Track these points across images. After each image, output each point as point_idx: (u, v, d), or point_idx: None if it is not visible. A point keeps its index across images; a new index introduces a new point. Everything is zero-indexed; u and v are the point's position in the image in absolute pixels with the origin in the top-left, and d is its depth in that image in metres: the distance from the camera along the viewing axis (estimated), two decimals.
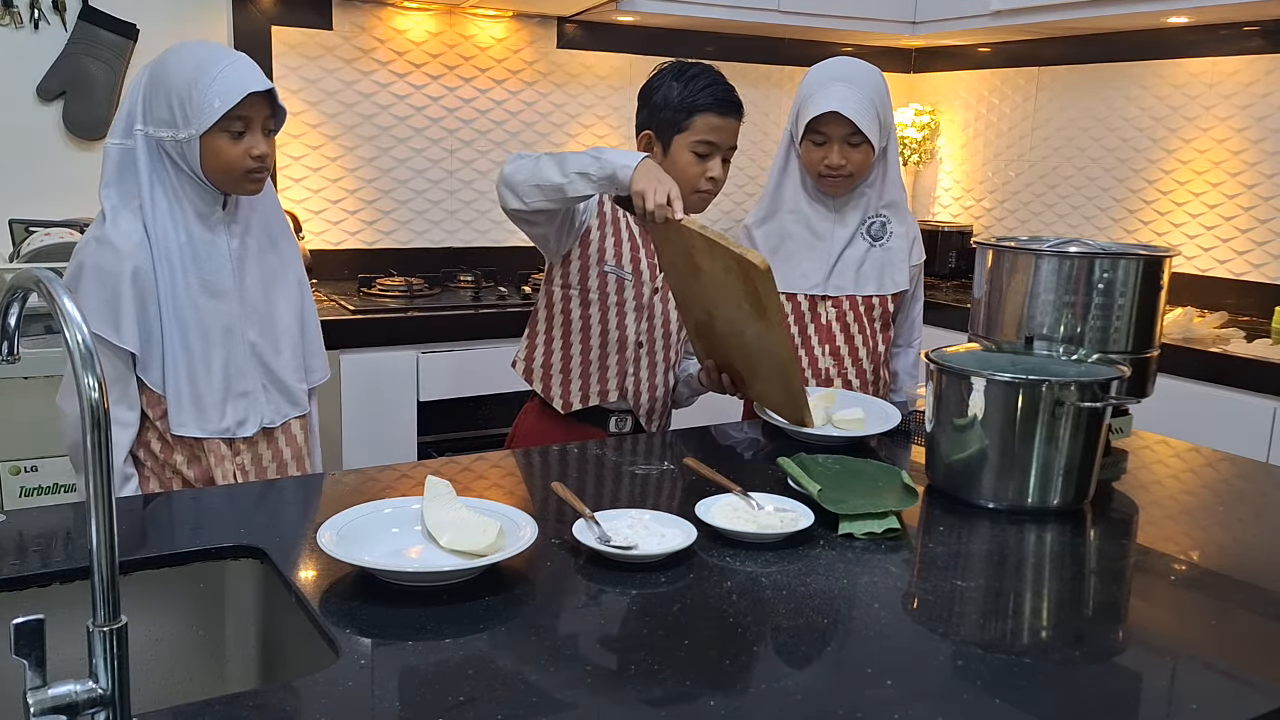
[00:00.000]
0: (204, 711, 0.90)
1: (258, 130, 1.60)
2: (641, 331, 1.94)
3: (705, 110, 1.85)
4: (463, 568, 1.14)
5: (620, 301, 1.92)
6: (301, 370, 1.74)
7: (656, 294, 1.94)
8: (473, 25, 3.33)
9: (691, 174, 1.86)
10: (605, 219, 1.93)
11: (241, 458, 1.66)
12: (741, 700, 0.93)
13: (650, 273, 1.94)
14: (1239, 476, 1.73)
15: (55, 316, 0.81)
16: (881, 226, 2.10)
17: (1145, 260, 1.64)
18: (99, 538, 0.79)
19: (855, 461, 1.54)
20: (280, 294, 1.71)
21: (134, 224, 1.58)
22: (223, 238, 1.64)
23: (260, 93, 1.58)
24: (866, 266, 2.08)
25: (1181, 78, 3.26)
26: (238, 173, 1.59)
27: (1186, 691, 1.00)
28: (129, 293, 1.56)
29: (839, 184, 2.04)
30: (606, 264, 1.91)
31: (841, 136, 1.97)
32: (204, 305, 1.61)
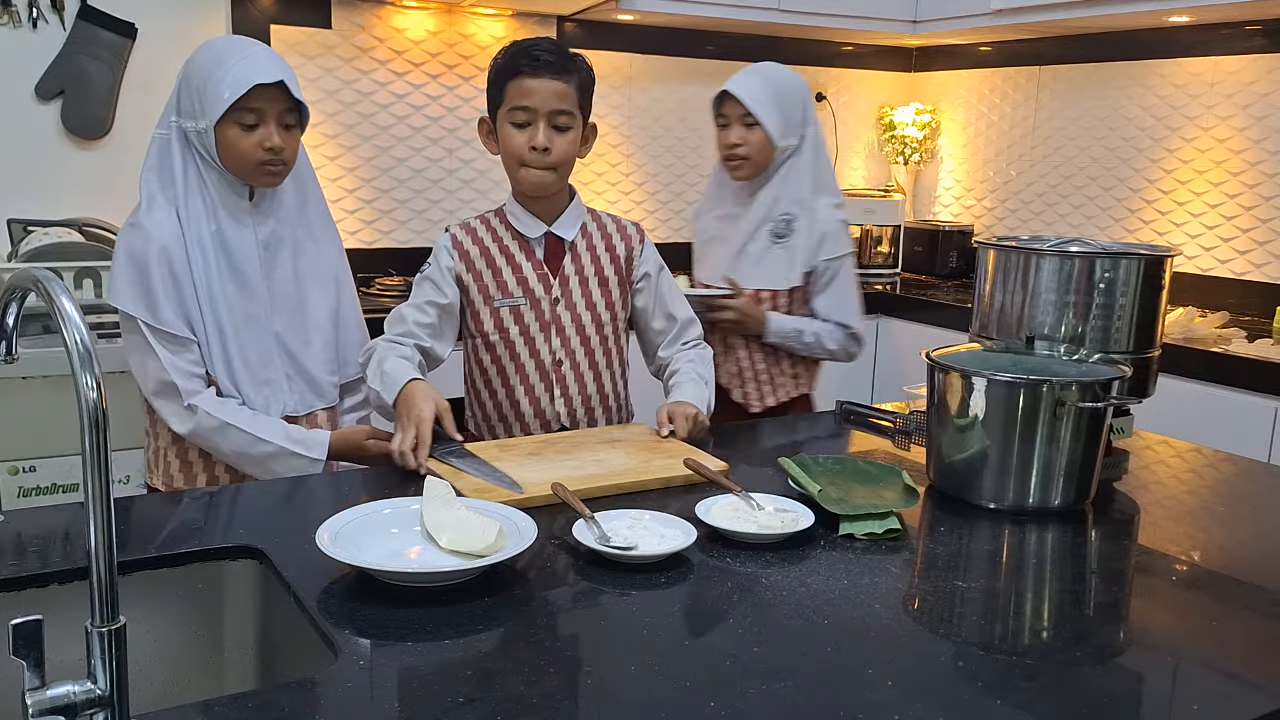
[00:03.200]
0: (203, 711, 0.90)
1: (271, 123, 1.62)
2: (556, 349, 1.80)
3: (514, 75, 1.70)
4: (462, 568, 1.14)
5: (524, 329, 1.79)
6: (333, 364, 1.78)
7: (559, 303, 1.80)
8: (472, 24, 3.32)
9: (514, 146, 1.71)
10: (469, 260, 1.78)
11: None
12: (742, 701, 0.93)
13: (543, 285, 1.79)
14: (1240, 477, 1.73)
15: (54, 316, 0.81)
16: (787, 224, 2.15)
17: (1146, 260, 1.64)
18: (98, 538, 0.78)
19: (856, 462, 1.54)
20: (315, 287, 1.75)
21: (168, 211, 1.64)
22: (250, 228, 1.68)
23: (276, 85, 1.60)
24: (766, 263, 2.16)
25: (1183, 77, 3.25)
26: (250, 164, 1.63)
27: (1188, 692, 1.00)
28: (159, 273, 1.60)
29: (739, 167, 2.15)
30: (494, 300, 1.78)
31: (738, 117, 2.12)
32: (231, 292, 1.67)
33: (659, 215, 3.77)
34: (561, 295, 1.80)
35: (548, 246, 1.81)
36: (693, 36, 3.65)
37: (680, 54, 3.68)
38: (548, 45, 1.71)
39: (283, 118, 1.63)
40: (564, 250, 1.81)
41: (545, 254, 1.80)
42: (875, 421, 1.90)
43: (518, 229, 1.80)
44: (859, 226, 3.85)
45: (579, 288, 1.81)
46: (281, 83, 1.60)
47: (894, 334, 3.47)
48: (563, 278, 1.80)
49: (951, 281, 3.77)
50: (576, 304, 1.81)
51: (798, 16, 3.40)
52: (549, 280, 1.80)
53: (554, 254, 1.81)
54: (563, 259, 1.81)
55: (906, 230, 3.93)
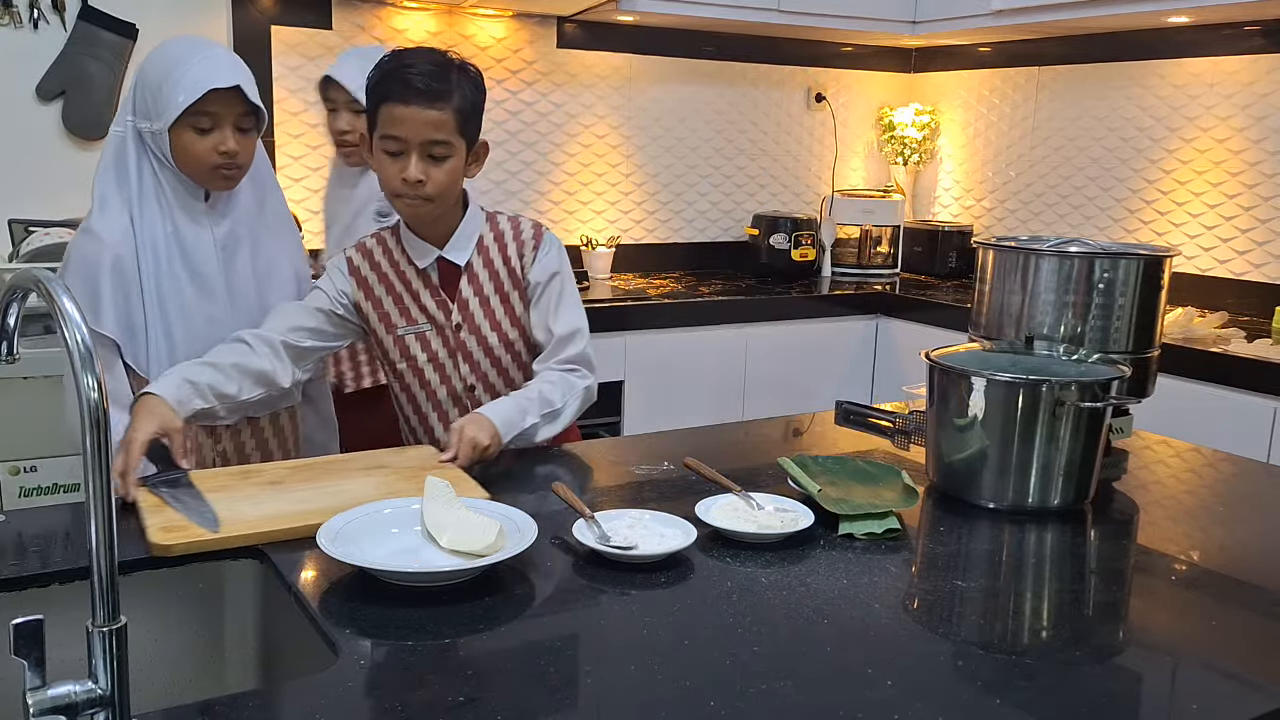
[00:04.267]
0: (204, 711, 0.90)
1: (227, 127, 1.59)
2: (466, 374, 1.72)
3: (386, 99, 1.58)
4: (463, 568, 1.14)
5: (431, 355, 1.71)
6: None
7: (461, 329, 1.71)
8: (472, 25, 3.32)
9: (386, 175, 1.61)
10: (368, 287, 1.70)
11: (223, 445, 1.68)
12: (741, 700, 0.93)
13: (443, 311, 1.70)
14: (1239, 476, 1.73)
15: (54, 316, 0.81)
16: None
17: (1146, 260, 1.64)
18: (98, 538, 0.79)
19: (855, 461, 1.54)
20: (274, 288, 1.72)
21: (121, 214, 1.61)
22: (207, 229, 1.66)
23: (232, 90, 1.57)
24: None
25: (1182, 77, 3.25)
26: (205, 168, 1.60)
27: (1187, 692, 1.00)
28: (108, 280, 1.58)
29: (351, 154, 2.16)
30: (398, 328, 1.70)
31: (345, 103, 2.11)
32: (188, 294, 1.64)
33: (659, 215, 3.77)
34: (463, 320, 1.71)
35: (442, 272, 1.70)
36: (693, 37, 3.65)
37: (680, 54, 3.68)
38: (424, 67, 1.57)
39: (239, 121, 1.60)
40: (459, 274, 1.70)
41: (440, 279, 1.70)
42: (875, 421, 1.90)
43: (410, 256, 1.70)
44: (858, 227, 3.86)
45: (480, 309, 1.71)
46: (238, 87, 1.57)
47: (894, 334, 3.47)
48: (461, 302, 1.70)
49: (951, 282, 3.77)
50: (480, 326, 1.71)
51: (797, 17, 3.40)
52: (448, 306, 1.70)
53: (449, 279, 1.71)
54: (459, 283, 1.70)
55: (906, 230, 3.93)
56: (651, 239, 3.77)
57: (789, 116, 3.96)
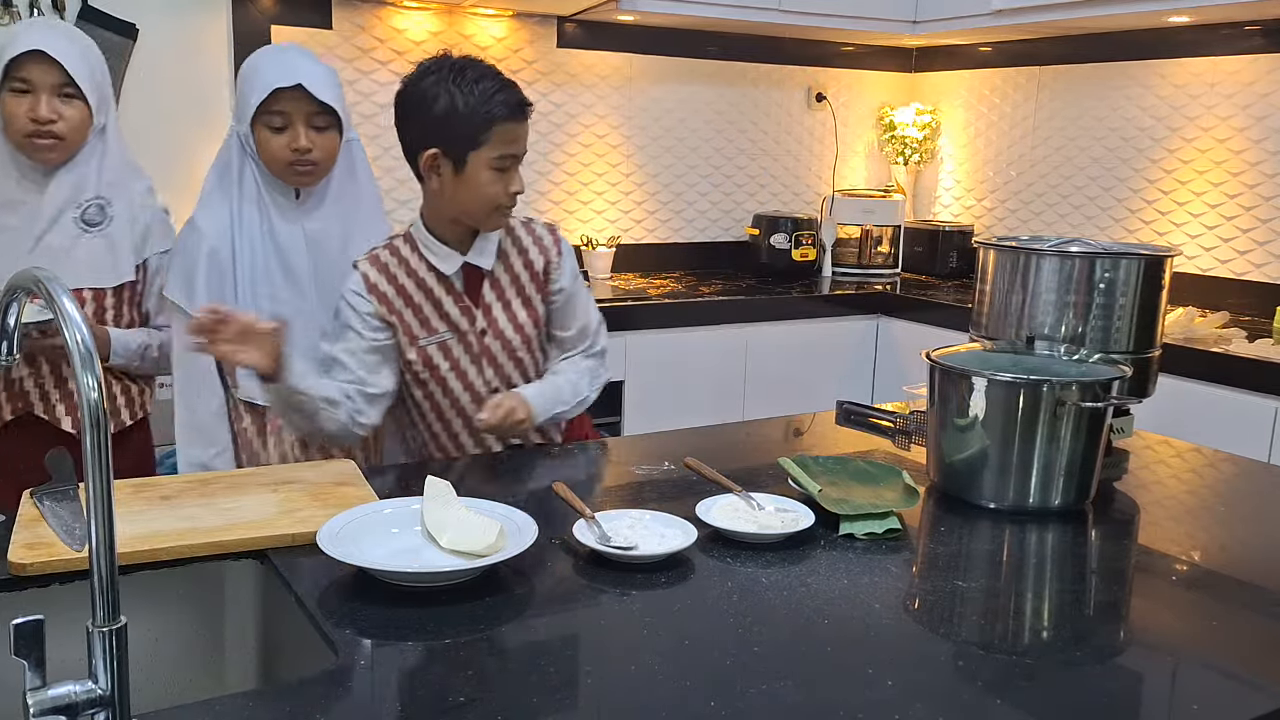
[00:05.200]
0: (204, 711, 0.90)
1: (298, 125, 1.67)
2: (490, 379, 1.73)
3: (504, 119, 1.61)
4: (463, 568, 1.14)
5: (454, 363, 1.71)
6: None
7: (485, 334, 1.72)
8: (472, 24, 3.32)
9: (492, 192, 1.63)
10: (388, 301, 1.68)
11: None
12: (742, 701, 0.93)
13: (467, 318, 1.71)
14: (1240, 476, 1.73)
15: (55, 316, 0.81)
16: (100, 210, 1.79)
17: (1147, 260, 1.64)
18: (98, 538, 0.78)
19: (856, 461, 1.54)
20: None
21: (221, 209, 1.73)
22: (298, 225, 1.75)
23: (299, 88, 1.65)
24: (80, 256, 1.76)
25: (1183, 77, 3.25)
26: (281, 164, 1.69)
27: (1187, 692, 1.00)
28: (203, 269, 1.70)
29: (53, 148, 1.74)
30: (420, 340, 1.70)
31: (51, 86, 1.71)
32: (280, 287, 1.73)
33: (659, 215, 3.77)
34: (487, 325, 1.71)
35: (466, 278, 1.71)
36: (693, 36, 3.65)
37: (680, 54, 3.68)
38: (512, 81, 1.65)
39: (311, 119, 1.67)
40: (483, 279, 1.72)
41: (464, 285, 1.71)
42: (875, 421, 1.90)
43: (432, 263, 1.69)
44: (859, 226, 3.86)
45: (503, 313, 1.73)
46: (302, 86, 1.64)
47: (894, 334, 3.47)
48: (485, 306, 1.71)
49: (952, 282, 3.77)
50: (504, 330, 1.73)
51: (798, 17, 3.40)
52: (472, 312, 1.71)
53: (473, 284, 1.71)
54: (482, 288, 1.72)
55: (906, 230, 3.93)
56: (652, 239, 3.77)
57: (789, 116, 3.96)
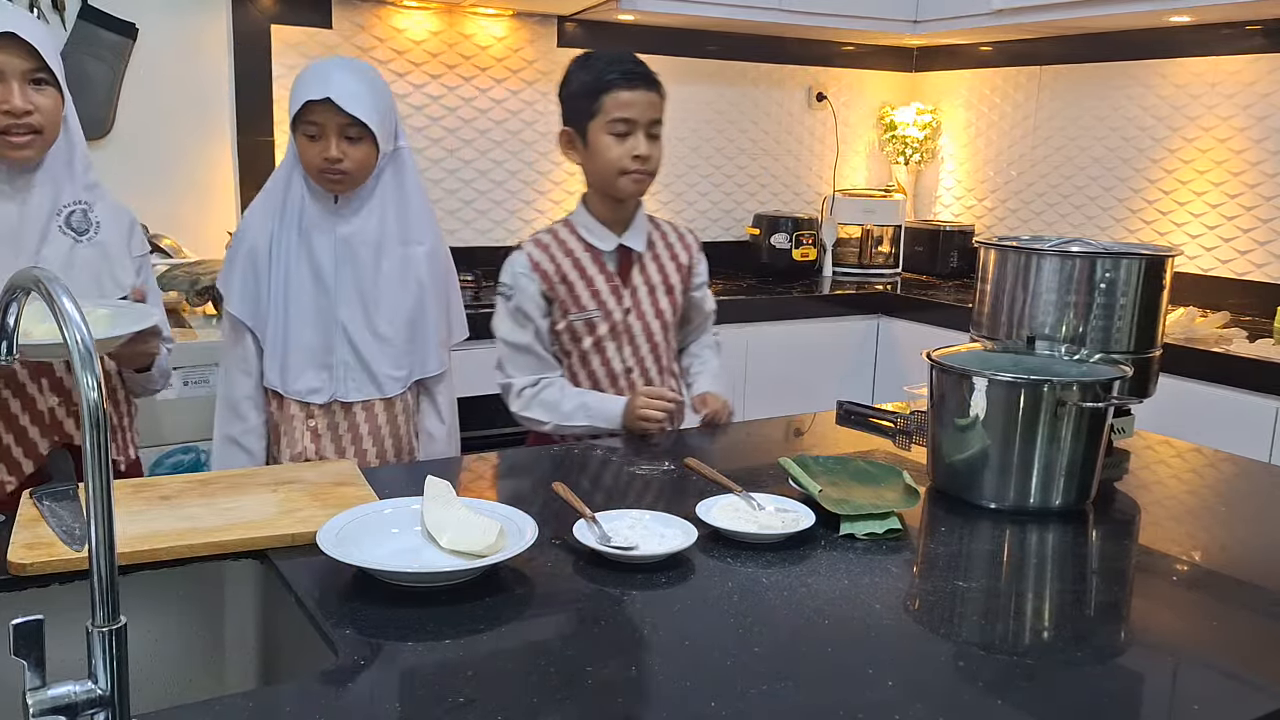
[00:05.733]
0: (204, 711, 0.90)
1: (331, 135, 1.74)
2: (627, 357, 1.88)
3: (612, 88, 1.78)
4: (463, 568, 1.14)
5: (596, 339, 1.86)
6: (401, 360, 1.87)
7: (630, 313, 1.87)
8: (473, 24, 3.32)
9: (613, 156, 1.79)
10: (550, 280, 1.84)
11: (315, 422, 1.85)
12: (742, 701, 0.93)
13: (615, 297, 1.86)
14: (1241, 476, 1.73)
15: (55, 316, 0.81)
16: (84, 216, 1.66)
17: (1147, 260, 1.64)
18: (98, 537, 0.78)
19: (856, 461, 1.54)
20: (395, 289, 1.85)
21: (266, 212, 1.83)
22: (330, 231, 1.82)
23: (328, 101, 1.71)
24: (77, 267, 1.64)
25: (1183, 77, 3.25)
26: (314, 172, 1.78)
27: (1188, 692, 1.00)
28: (239, 268, 1.83)
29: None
30: (570, 314, 1.85)
31: (21, 73, 1.55)
32: (308, 289, 1.82)
33: (659, 215, 3.76)
34: (632, 305, 1.88)
35: (619, 258, 1.88)
36: (693, 36, 3.65)
37: (681, 53, 3.68)
38: (635, 59, 1.81)
39: (344, 131, 1.74)
40: (633, 261, 1.89)
41: (617, 266, 1.88)
42: (876, 421, 1.90)
43: (590, 241, 1.86)
44: (859, 226, 3.85)
45: (648, 297, 1.89)
46: (330, 100, 1.71)
47: (895, 334, 3.47)
48: (633, 289, 1.88)
49: (952, 281, 3.77)
50: (646, 313, 1.89)
51: (798, 16, 3.40)
52: (620, 292, 1.87)
53: (625, 265, 1.88)
54: (632, 271, 1.89)
55: (907, 230, 3.93)
56: None
57: (790, 116, 3.96)
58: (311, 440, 1.84)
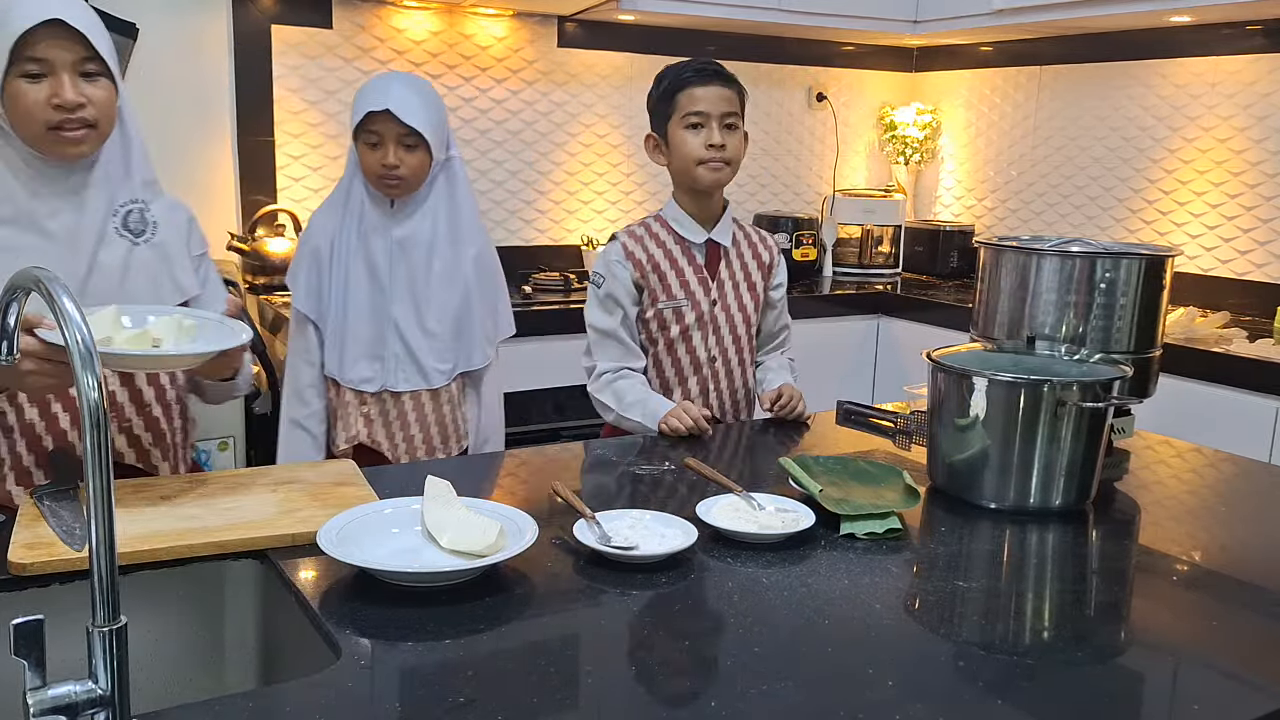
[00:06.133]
0: (204, 711, 0.90)
1: (389, 144, 1.87)
2: (711, 347, 1.98)
3: (685, 86, 1.90)
4: (463, 568, 1.14)
5: (684, 328, 1.96)
6: (448, 354, 2.00)
7: (715, 304, 1.97)
8: (473, 24, 3.32)
9: (690, 148, 1.89)
10: (642, 267, 1.95)
11: (368, 409, 1.99)
12: (742, 701, 0.93)
13: (703, 288, 1.97)
14: (1241, 476, 1.73)
15: (55, 316, 0.81)
16: (140, 216, 1.57)
17: (1147, 260, 1.64)
18: (98, 537, 0.78)
19: (856, 462, 1.54)
20: (445, 288, 1.98)
21: (330, 213, 1.99)
22: (386, 234, 1.95)
23: (388, 113, 1.84)
24: (135, 270, 1.56)
25: (1184, 77, 3.25)
26: (373, 177, 1.91)
27: (1188, 692, 1.00)
28: (304, 265, 1.97)
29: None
30: (660, 302, 1.95)
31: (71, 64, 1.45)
32: (364, 288, 1.96)
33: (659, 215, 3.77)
34: (718, 297, 1.97)
35: (708, 252, 1.97)
36: (693, 36, 3.65)
37: (681, 53, 3.64)
38: (706, 59, 1.93)
39: (401, 140, 1.87)
40: (720, 255, 1.98)
41: (706, 259, 1.97)
42: (876, 421, 1.90)
43: (681, 234, 1.96)
44: (859, 226, 3.85)
45: (732, 291, 1.99)
46: (389, 111, 1.84)
47: (895, 334, 3.47)
48: (719, 282, 1.98)
49: (952, 281, 3.77)
50: (730, 305, 1.98)
51: (798, 16, 3.40)
52: (708, 283, 1.97)
53: (712, 259, 1.98)
54: (719, 264, 1.98)
55: (907, 230, 3.93)
56: None
57: (790, 116, 3.96)
58: (364, 425, 1.98)
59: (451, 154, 2.00)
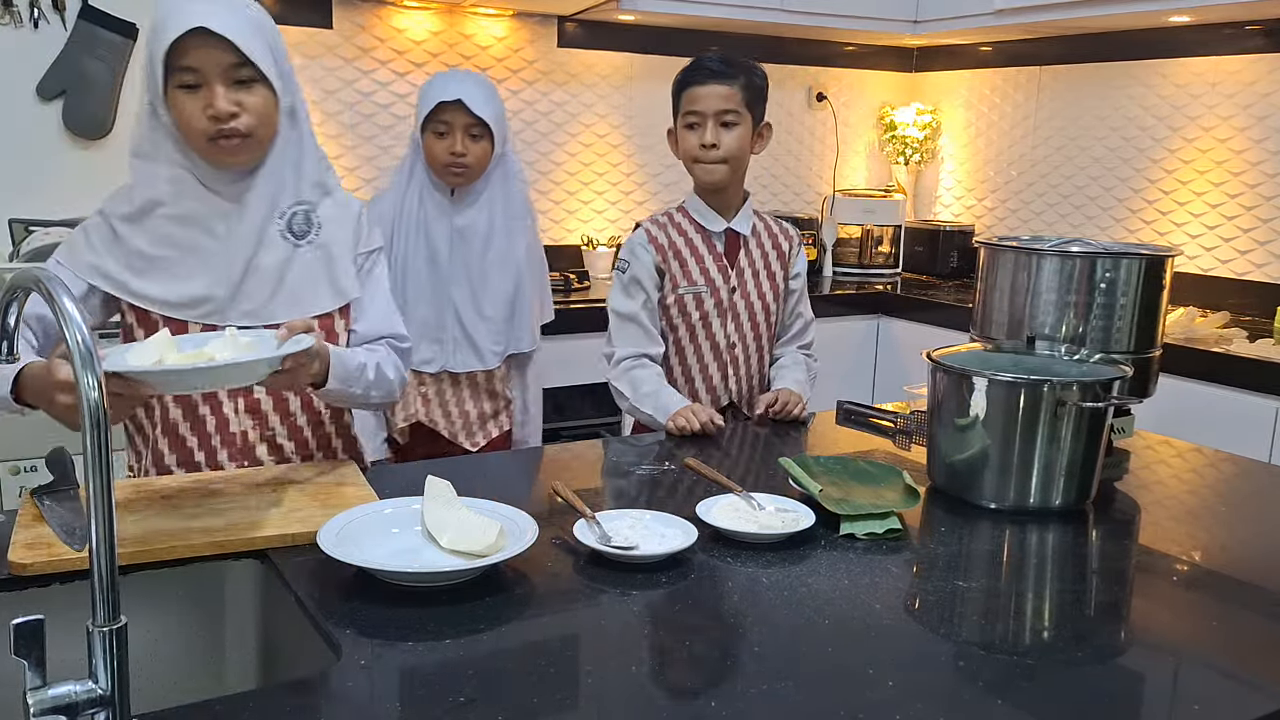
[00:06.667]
0: (204, 711, 0.90)
1: (457, 133, 2.05)
2: (730, 333, 2.02)
3: (686, 86, 1.95)
4: (463, 568, 1.14)
5: (704, 314, 2.00)
6: (500, 336, 2.19)
7: (735, 291, 2.01)
8: (473, 24, 3.32)
9: (687, 147, 1.95)
10: (664, 252, 1.99)
11: (426, 388, 2.17)
12: (742, 700, 0.93)
13: (722, 275, 2.00)
14: (1241, 476, 1.73)
15: (55, 316, 0.81)
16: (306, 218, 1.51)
17: (1147, 260, 1.64)
18: (98, 537, 0.78)
19: (856, 462, 1.54)
20: (498, 273, 2.17)
21: (390, 199, 2.14)
22: (446, 218, 2.13)
23: (459, 103, 2.03)
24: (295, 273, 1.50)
25: (1184, 77, 3.25)
26: (439, 166, 2.08)
27: (1188, 692, 1.00)
28: None
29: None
30: (680, 287, 1.99)
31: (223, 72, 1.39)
32: (423, 271, 2.12)
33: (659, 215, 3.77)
34: (737, 285, 2.02)
35: (727, 240, 2.02)
36: (693, 36, 3.64)
37: (681, 54, 3.66)
38: (714, 58, 1.95)
39: (468, 129, 2.05)
40: (740, 244, 2.02)
41: (725, 247, 2.02)
42: (876, 421, 1.90)
43: (701, 223, 2.01)
44: (859, 226, 3.85)
45: (751, 279, 2.03)
46: (461, 101, 2.03)
47: (895, 334, 3.47)
48: (738, 269, 2.02)
49: (952, 281, 3.77)
50: (750, 293, 2.02)
51: (799, 16, 3.40)
52: (727, 271, 2.01)
53: (732, 248, 2.02)
54: (738, 252, 2.02)
55: (907, 230, 3.93)
56: None
57: (790, 116, 3.96)
58: (422, 405, 2.16)
59: (507, 149, 2.16)
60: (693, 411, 1.80)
